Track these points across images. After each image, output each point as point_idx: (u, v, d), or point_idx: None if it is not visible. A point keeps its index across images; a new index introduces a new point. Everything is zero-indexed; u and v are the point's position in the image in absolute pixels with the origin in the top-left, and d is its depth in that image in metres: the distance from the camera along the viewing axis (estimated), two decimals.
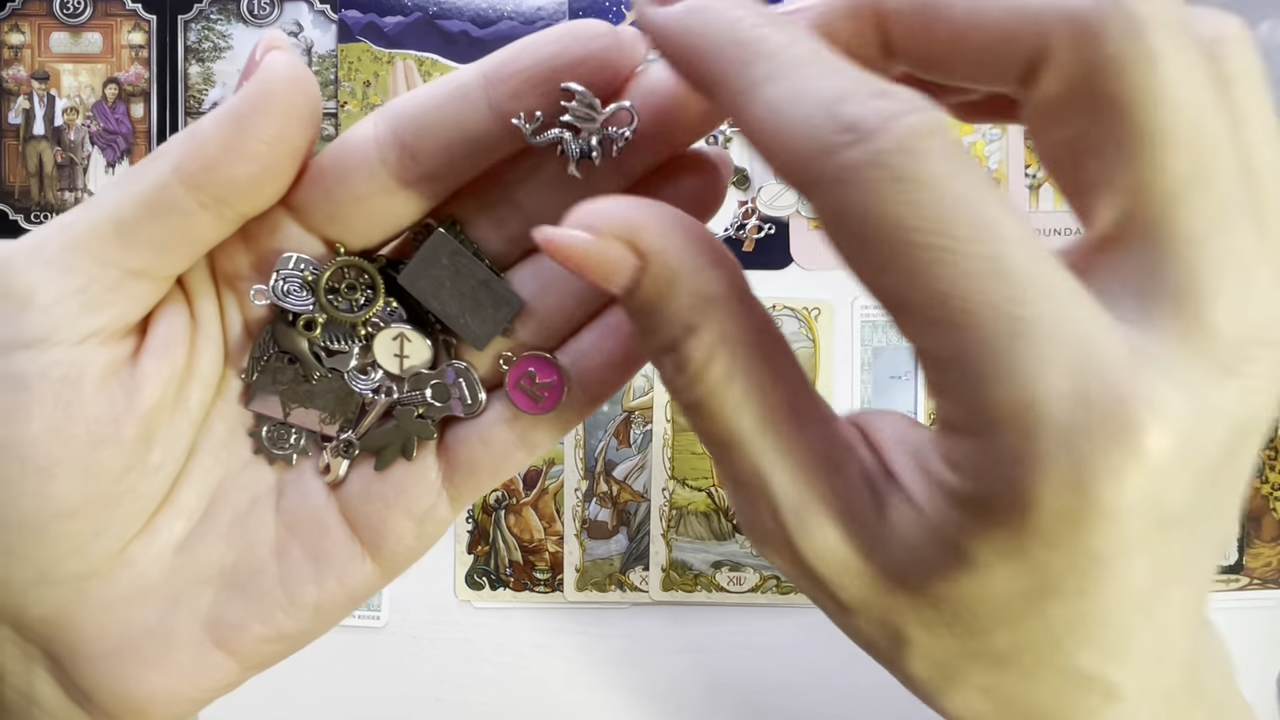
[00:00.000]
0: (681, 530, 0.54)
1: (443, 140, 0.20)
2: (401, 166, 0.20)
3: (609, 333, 0.23)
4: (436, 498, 0.23)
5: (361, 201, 0.21)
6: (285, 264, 0.21)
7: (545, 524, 0.54)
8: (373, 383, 0.23)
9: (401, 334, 0.23)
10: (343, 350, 0.23)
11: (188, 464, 0.23)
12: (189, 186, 0.19)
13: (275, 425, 0.23)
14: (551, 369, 0.22)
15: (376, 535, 0.23)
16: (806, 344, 0.54)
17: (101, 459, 0.20)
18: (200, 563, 0.23)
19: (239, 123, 0.19)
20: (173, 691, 0.23)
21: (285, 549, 0.23)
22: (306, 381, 0.23)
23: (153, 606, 0.22)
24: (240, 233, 0.21)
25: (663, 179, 0.21)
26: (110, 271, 0.20)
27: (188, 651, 0.22)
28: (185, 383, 0.22)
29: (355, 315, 0.22)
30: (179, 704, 0.23)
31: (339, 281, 0.22)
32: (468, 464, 0.23)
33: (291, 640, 0.23)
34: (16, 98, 0.55)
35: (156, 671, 0.22)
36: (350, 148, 0.20)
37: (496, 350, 0.23)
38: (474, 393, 0.23)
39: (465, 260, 0.22)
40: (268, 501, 0.23)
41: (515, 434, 0.23)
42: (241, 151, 0.19)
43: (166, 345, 0.21)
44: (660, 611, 0.54)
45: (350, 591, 0.23)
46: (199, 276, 0.22)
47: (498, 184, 0.21)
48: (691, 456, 0.54)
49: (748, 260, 0.54)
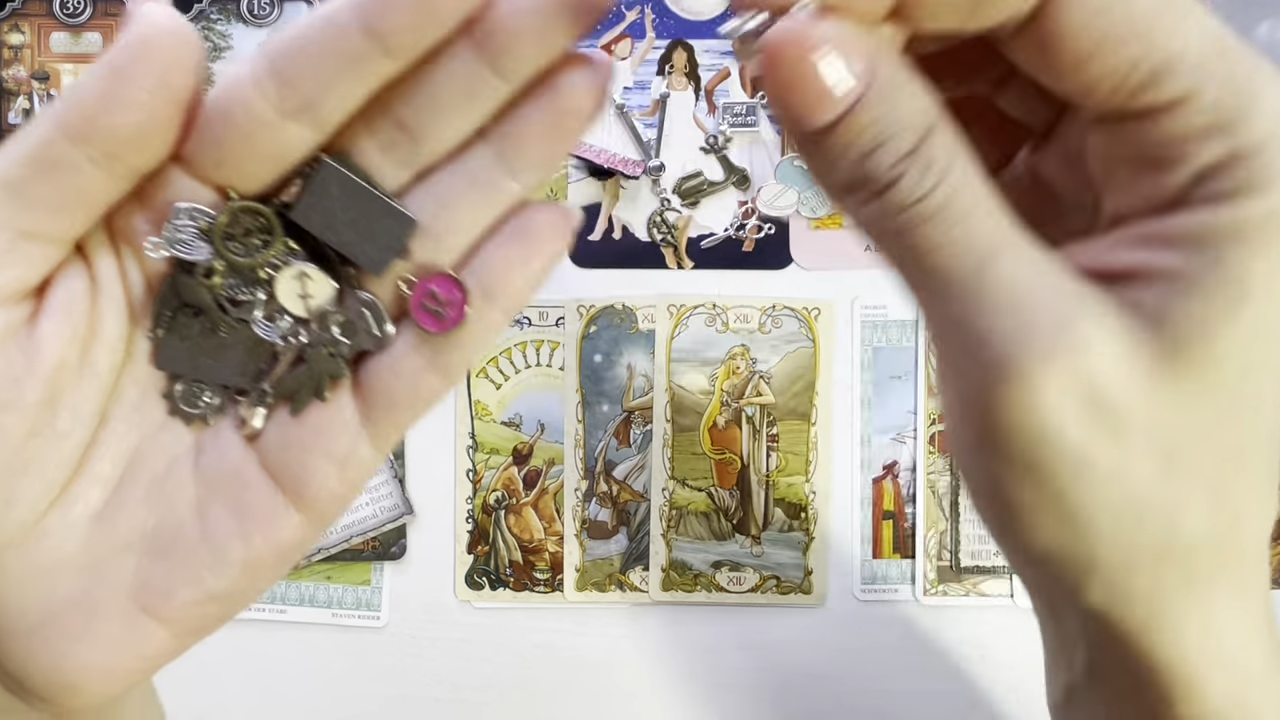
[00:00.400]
0: (681, 530, 0.54)
1: (317, 65, 0.19)
2: (280, 97, 0.20)
3: (511, 239, 0.22)
4: (356, 437, 0.23)
5: (246, 140, 0.20)
6: (179, 214, 0.21)
7: (545, 524, 0.54)
8: (281, 329, 0.23)
9: (302, 272, 0.22)
10: (248, 299, 0.22)
11: (100, 430, 0.22)
12: (74, 141, 0.19)
13: (188, 384, 0.23)
14: (452, 284, 0.22)
15: (298, 483, 0.23)
16: (806, 344, 0.54)
17: (4, 424, 0.20)
18: (120, 529, 0.22)
19: (117, 73, 0.19)
20: (105, 664, 0.22)
21: (206, 507, 0.23)
22: (215, 335, 0.23)
23: (74, 577, 0.22)
24: (134, 191, 0.21)
25: (545, 81, 0.21)
26: (2, 234, 0.20)
27: (115, 621, 0.22)
28: (89, 345, 0.22)
29: (253, 259, 0.22)
30: (114, 677, 0.22)
31: (235, 227, 0.21)
32: (383, 397, 0.23)
33: (223, 601, 0.23)
34: (16, 98, 0.55)
35: (84, 645, 0.22)
36: (228, 87, 0.20)
37: (397, 275, 0.22)
38: (380, 323, 0.22)
39: (356, 188, 0.21)
40: (186, 462, 0.23)
41: (425, 359, 0.22)
42: (121, 101, 0.19)
43: (66, 307, 0.21)
44: (660, 611, 0.54)
45: (278, 545, 0.23)
46: (97, 239, 0.22)
47: (383, 109, 0.21)
48: (691, 457, 0.54)
49: (748, 260, 0.54)
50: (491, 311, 0.22)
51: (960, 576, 0.54)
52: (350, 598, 0.54)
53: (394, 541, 0.54)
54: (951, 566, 0.54)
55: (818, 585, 0.54)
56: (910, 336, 0.54)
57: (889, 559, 0.54)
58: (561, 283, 0.54)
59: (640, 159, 0.53)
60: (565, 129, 0.21)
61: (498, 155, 0.21)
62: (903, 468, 0.54)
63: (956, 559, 0.54)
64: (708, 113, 0.54)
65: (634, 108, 0.53)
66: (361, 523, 0.54)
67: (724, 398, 0.54)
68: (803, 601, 0.54)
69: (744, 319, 0.54)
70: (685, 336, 0.54)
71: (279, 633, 0.54)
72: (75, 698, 0.22)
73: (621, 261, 0.54)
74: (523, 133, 0.21)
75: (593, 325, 0.54)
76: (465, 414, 0.54)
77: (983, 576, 0.54)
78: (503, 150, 0.21)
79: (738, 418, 0.54)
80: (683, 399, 0.54)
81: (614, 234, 0.54)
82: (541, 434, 0.54)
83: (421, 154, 0.22)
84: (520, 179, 0.22)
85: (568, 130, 0.21)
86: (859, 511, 0.54)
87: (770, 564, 0.54)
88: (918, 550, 0.54)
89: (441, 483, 0.54)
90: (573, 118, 0.21)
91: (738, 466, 0.54)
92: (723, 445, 0.54)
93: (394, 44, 0.19)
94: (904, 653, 0.54)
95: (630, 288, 0.54)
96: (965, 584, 0.54)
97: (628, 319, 0.54)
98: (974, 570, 0.54)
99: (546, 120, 0.21)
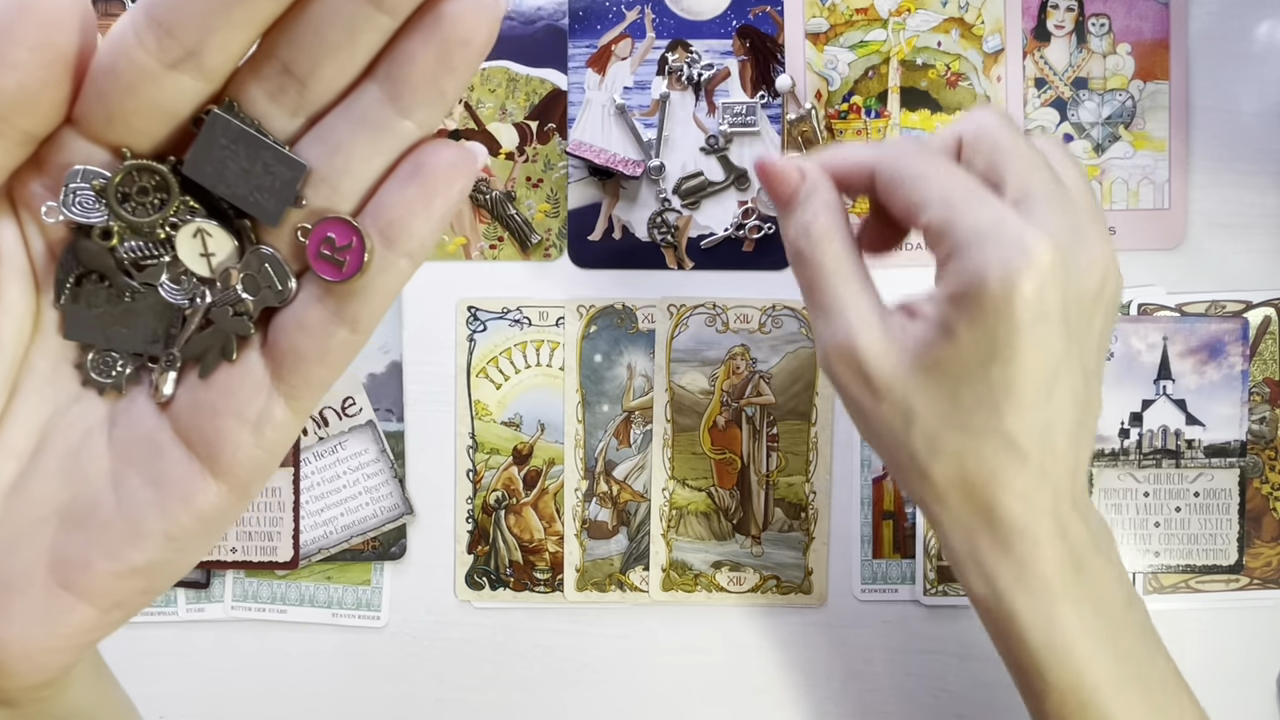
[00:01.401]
0: (681, 530, 0.54)
1: (195, 10, 0.19)
2: (160, 48, 0.19)
3: (408, 180, 0.21)
4: (269, 398, 0.22)
5: (132, 95, 0.20)
6: (74, 177, 0.21)
7: (545, 524, 0.54)
8: (187, 290, 0.22)
9: (201, 229, 0.22)
10: (153, 263, 0.22)
11: (11, 403, 0.22)
12: None
13: (99, 353, 0.22)
14: (349, 230, 0.21)
15: (212, 447, 0.22)
16: (806, 344, 0.54)
17: None
18: (34, 503, 0.22)
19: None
20: (27, 642, 0.22)
21: (121, 478, 0.22)
22: (121, 301, 0.22)
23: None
24: (31, 157, 0.21)
25: (428, 12, 0.20)
26: None
27: (33, 597, 0.22)
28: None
29: (151, 218, 0.21)
30: (38, 655, 0.22)
31: (130, 187, 0.21)
32: (291, 354, 0.22)
33: (146, 574, 0.22)
34: None
35: (3, 622, 0.22)
36: (110, 42, 0.20)
37: (295, 224, 0.22)
38: (282, 277, 0.22)
39: (245, 138, 0.21)
40: (100, 433, 0.23)
41: (330, 310, 0.22)
42: (3, 61, 0.19)
43: None
44: (660, 611, 0.54)
45: (199, 515, 0.22)
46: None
47: (268, 55, 0.21)
48: (691, 456, 0.54)
49: (748, 260, 0.54)
50: (394, 256, 0.21)
51: None
52: (350, 598, 0.54)
53: (394, 541, 0.54)
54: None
55: (818, 585, 0.54)
56: None
57: (889, 559, 0.54)
58: (561, 283, 0.54)
59: (640, 159, 0.53)
60: (454, 62, 0.20)
61: (387, 94, 0.21)
62: None
63: None
64: (708, 113, 0.53)
65: (634, 108, 0.53)
66: (361, 523, 0.54)
67: (724, 398, 0.54)
68: (803, 601, 0.54)
69: (744, 319, 0.54)
70: (685, 336, 0.54)
71: (279, 633, 0.54)
72: (2, 678, 0.22)
73: (621, 261, 0.54)
74: (410, 68, 0.20)
75: (593, 325, 0.54)
76: (465, 414, 0.54)
77: None
78: (391, 88, 0.21)
79: (738, 418, 0.54)
80: (683, 399, 0.54)
81: (614, 234, 0.54)
82: (541, 434, 0.54)
83: (310, 98, 0.21)
84: (413, 117, 0.21)
85: (457, 63, 0.20)
86: (859, 511, 0.54)
87: (770, 564, 0.54)
88: (918, 550, 0.54)
89: (441, 483, 0.54)
90: (461, 49, 0.20)
91: (738, 466, 0.54)
92: (723, 445, 0.54)
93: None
94: (904, 653, 0.54)
95: (630, 288, 0.54)
96: None
97: (628, 319, 0.54)
98: None
99: (433, 53, 0.20)
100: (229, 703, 0.54)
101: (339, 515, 0.54)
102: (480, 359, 0.54)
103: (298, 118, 0.21)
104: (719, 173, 0.54)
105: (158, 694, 0.53)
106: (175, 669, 0.54)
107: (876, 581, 0.54)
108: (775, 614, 0.54)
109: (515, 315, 0.54)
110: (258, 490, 0.23)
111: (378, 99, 0.21)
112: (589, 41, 0.53)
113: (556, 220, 0.54)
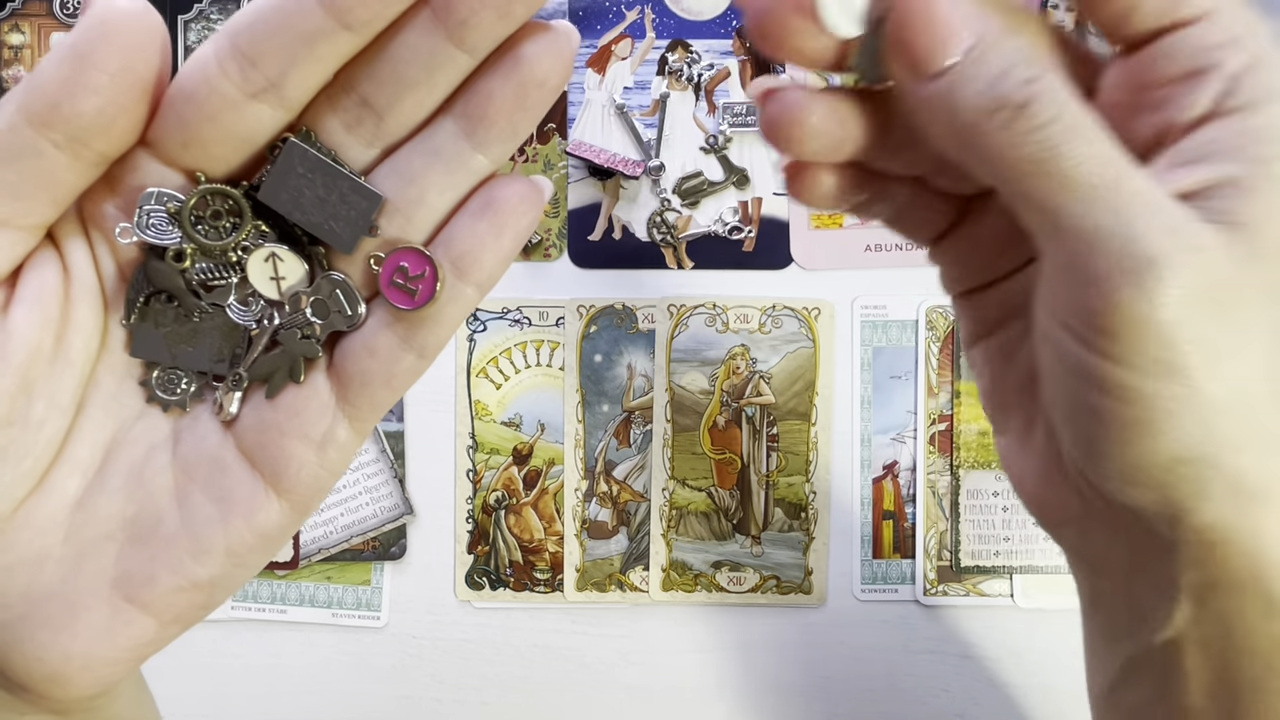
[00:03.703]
0: (681, 530, 0.54)
1: (279, 44, 0.19)
2: (244, 78, 0.20)
3: (480, 213, 0.22)
4: (333, 420, 0.23)
5: (212, 122, 0.20)
6: (148, 199, 0.21)
7: (545, 524, 0.54)
8: (255, 312, 0.23)
9: (273, 254, 0.22)
10: (221, 284, 0.23)
11: (78, 419, 0.22)
12: (36, 126, 0.19)
13: (164, 371, 0.23)
14: (422, 260, 0.22)
15: (276, 467, 0.23)
16: (806, 344, 0.54)
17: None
18: (99, 518, 0.22)
19: (78, 57, 0.19)
20: (89, 654, 0.22)
21: (185, 494, 0.23)
22: (189, 321, 0.23)
23: (54, 567, 0.22)
24: (103, 177, 0.21)
25: (507, 52, 0.21)
26: None
27: (97, 611, 0.22)
28: (62, 334, 0.22)
29: (223, 242, 0.22)
30: (99, 667, 0.22)
31: (204, 210, 0.21)
32: (358, 378, 0.23)
33: (207, 589, 0.23)
34: None
35: (67, 635, 0.22)
36: (192, 69, 0.20)
37: (367, 253, 0.22)
38: (352, 303, 0.22)
39: (321, 166, 0.21)
40: (164, 450, 0.23)
41: (399, 336, 0.22)
42: (83, 85, 0.19)
43: (38, 296, 0.21)
44: (660, 611, 0.54)
45: (260, 531, 0.23)
46: (69, 227, 0.22)
47: (346, 87, 0.21)
48: (691, 457, 0.54)
49: (747, 260, 0.54)
50: (464, 286, 0.22)
51: (960, 576, 0.54)
52: (350, 598, 0.54)
53: (394, 541, 0.54)
54: (951, 566, 0.54)
55: (818, 585, 0.54)
56: (910, 336, 0.54)
57: (889, 559, 0.54)
58: (561, 283, 0.54)
59: (640, 159, 0.53)
60: (529, 100, 0.21)
61: (462, 129, 0.21)
62: (903, 468, 0.54)
63: (956, 559, 0.54)
64: (708, 113, 0.53)
65: (634, 108, 0.53)
66: (361, 523, 0.54)
67: (724, 398, 0.54)
68: (803, 601, 0.54)
69: (744, 319, 0.54)
70: (685, 336, 0.54)
71: (279, 633, 0.54)
72: (61, 689, 0.22)
73: (621, 261, 0.54)
74: (486, 105, 0.21)
75: (593, 325, 0.54)
76: (465, 414, 0.54)
77: (983, 576, 0.54)
78: (467, 124, 0.21)
79: (738, 418, 0.54)
80: (683, 399, 0.54)
81: (614, 234, 0.54)
82: (541, 434, 0.54)
83: (386, 130, 0.21)
84: (487, 152, 0.22)
85: (532, 102, 0.21)
86: (859, 511, 0.54)
87: (770, 564, 0.54)
88: (918, 550, 0.54)
89: (442, 483, 0.54)
90: (536, 89, 0.21)
91: (738, 466, 0.54)
92: (723, 445, 0.54)
93: (354, 18, 0.19)
94: (904, 653, 0.54)
95: (630, 288, 0.54)
96: (965, 584, 0.54)
97: (628, 319, 0.54)
98: (974, 570, 0.54)
99: (510, 92, 0.21)
100: (229, 702, 0.54)
101: (339, 515, 0.54)
102: (480, 359, 0.54)
103: (373, 149, 0.22)
104: (719, 173, 0.54)
105: (158, 694, 0.53)
106: (175, 669, 0.54)
107: (876, 581, 0.54)
108: (775, 614, 0.54)
109: (515, 315, 0.54)
110: (316, 507, 0.24)
111: (453, 134, 0.21)
112: (589, 41, 0.54)
113: (556, 220, 0.54)
